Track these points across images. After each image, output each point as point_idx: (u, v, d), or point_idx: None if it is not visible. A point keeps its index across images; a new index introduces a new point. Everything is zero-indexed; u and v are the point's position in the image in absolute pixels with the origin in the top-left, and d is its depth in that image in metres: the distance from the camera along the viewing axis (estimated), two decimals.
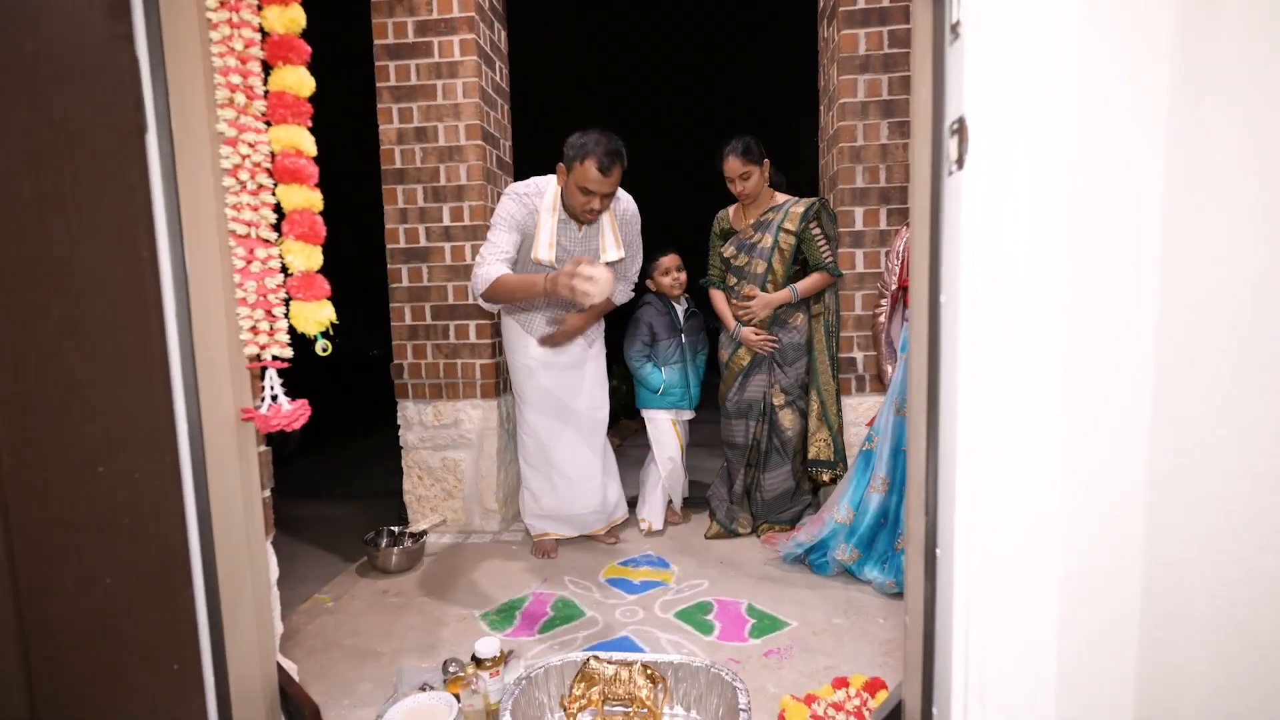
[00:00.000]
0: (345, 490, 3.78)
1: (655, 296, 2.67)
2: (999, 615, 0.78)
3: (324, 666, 1.71)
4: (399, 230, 2.65)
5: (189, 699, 0.92)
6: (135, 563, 0.83)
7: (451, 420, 2.69)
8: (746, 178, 2.41)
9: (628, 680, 1.44)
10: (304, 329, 1.12)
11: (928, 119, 0.81)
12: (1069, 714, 0.77)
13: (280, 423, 1.07)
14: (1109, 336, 0.73)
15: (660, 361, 2.65)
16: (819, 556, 2.16)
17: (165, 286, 0.87)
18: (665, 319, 2.65)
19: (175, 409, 0.89)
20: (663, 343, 2.64)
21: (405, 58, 2.55)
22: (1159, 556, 0.73)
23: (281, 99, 1.09)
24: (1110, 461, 0.74)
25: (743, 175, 2.41)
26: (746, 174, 2.41)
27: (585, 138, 1.96)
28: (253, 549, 1.06)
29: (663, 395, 2.64)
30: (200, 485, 0.93)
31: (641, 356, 2.64)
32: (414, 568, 2.37)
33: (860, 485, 2.12)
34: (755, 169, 2.41)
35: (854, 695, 1.37)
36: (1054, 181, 0.71)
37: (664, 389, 2.63)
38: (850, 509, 2.11)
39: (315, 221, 1.13)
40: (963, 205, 0.75)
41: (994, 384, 0.75)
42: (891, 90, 2.41)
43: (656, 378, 2.62)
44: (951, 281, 0.78)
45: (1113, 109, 0.71)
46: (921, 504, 0.86)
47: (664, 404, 2.66)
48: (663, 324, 2.65)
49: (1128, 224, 0.71)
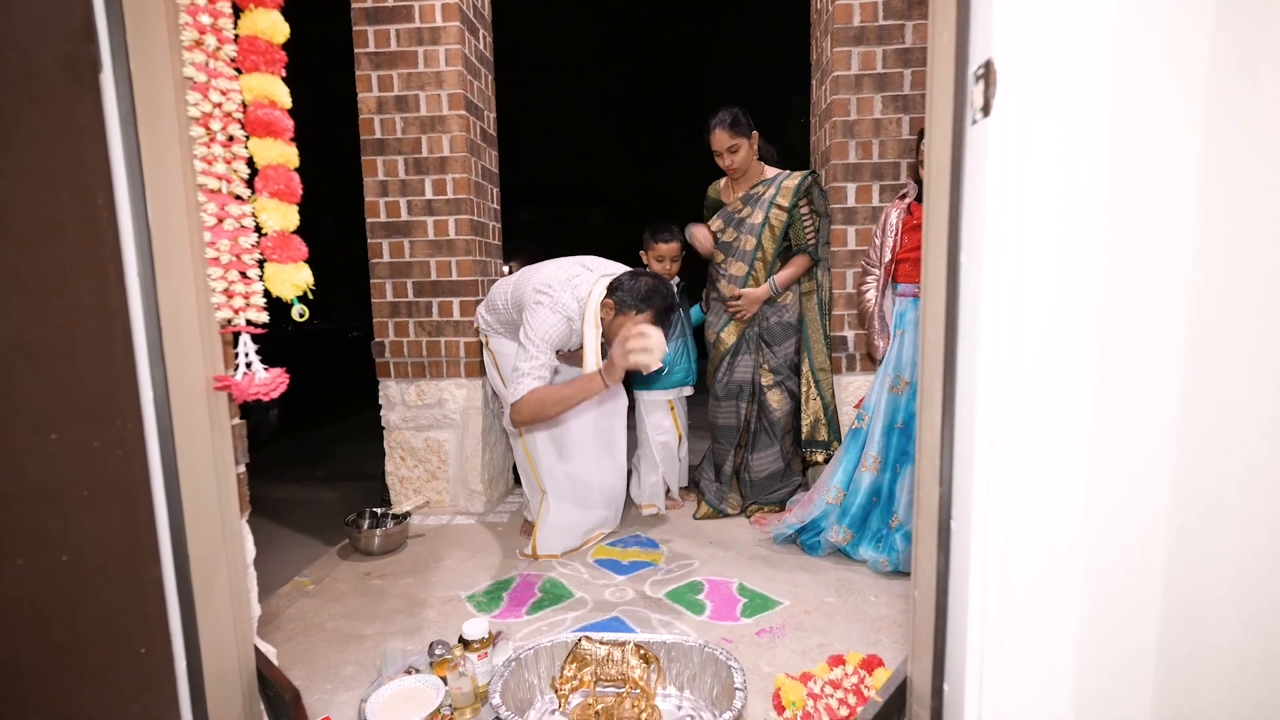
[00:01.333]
0: (326, 473, 3.70)
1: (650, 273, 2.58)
2: (1019, 589, 0.74)
3: (305, 650, 1.65)
4: (379, 204, 2.56)
5: (159, 683, 0.86)
6: (95, 538, 0.77)
7: (435, 400, 2.62)
8: (735, 151, 2.34)
9: (620, 661, 1.40)
10: (280, 292, 1.05)
11: (949, 65, 0.76)
12: (1089, 690, 0.75)
13: (257, 390, 1.01)
14: (1146, 296, 0.69)
15: None
16: (810, 537, 2.14)
17: (125, 239, 0.80)
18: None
19: (139, 373, 0.82)
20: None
21: (384, 22, 2.44)
22: (1187, 526, 0.70)
23: (253, 44, 1.01)
24: (1141, 427, 0.71)
25: (730, 148, 2.33)
26: (735, 147, 2.33)
27: (646, 292, 1.86)
28: (226, 526, 0.99)
29: (666, 375, 2.51)
30: (168, 456, 0.86)
31: None
32: (397, 550, 2.31)
33: (851, 464, 2.10)
34: (744, 141, 2.33)
35: (851, 673, 1.35)
36: (1089, 127, 0.67)
37: (668, 368, 2.50)
38: (840, 489, 2.09)
39: (291, 178, 1.06)
40: (988, 155, 0.71)
41: (1019, 346, 0.71)
42: (886, 63, 2.36)
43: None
44: (974, 238, 0.74)
45: (1152, 47, 0.67)
46: (935, 473, 0.82)
47: (666, 384, 2.54)
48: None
49: (1168, 172, 0.68)
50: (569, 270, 2.01)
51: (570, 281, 1.97)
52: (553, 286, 1.95)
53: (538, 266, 2.12)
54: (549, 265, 2.09)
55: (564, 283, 1.96)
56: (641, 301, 1.86)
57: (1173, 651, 0.72)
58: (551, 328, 1.90)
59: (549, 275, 2.00)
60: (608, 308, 1.89)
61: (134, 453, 0.82)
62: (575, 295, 1.94)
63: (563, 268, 2.04)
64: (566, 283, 1.96)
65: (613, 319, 1.89)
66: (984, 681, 0.77)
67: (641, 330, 1.72)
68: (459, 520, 2.60)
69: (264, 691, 1.09)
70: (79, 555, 0.75)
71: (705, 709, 1.35)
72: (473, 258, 2.56)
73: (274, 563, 2.28)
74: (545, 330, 1.90)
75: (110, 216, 0.78)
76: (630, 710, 1.32)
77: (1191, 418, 0.69)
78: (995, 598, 0.75)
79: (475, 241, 2.59)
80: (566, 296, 1.94)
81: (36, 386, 0.70)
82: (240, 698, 1.03)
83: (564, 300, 1.93)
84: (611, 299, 1.88)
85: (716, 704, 1.33)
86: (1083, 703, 0.75)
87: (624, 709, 1.32)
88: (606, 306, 1.90)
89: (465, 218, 2.53)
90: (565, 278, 1.98)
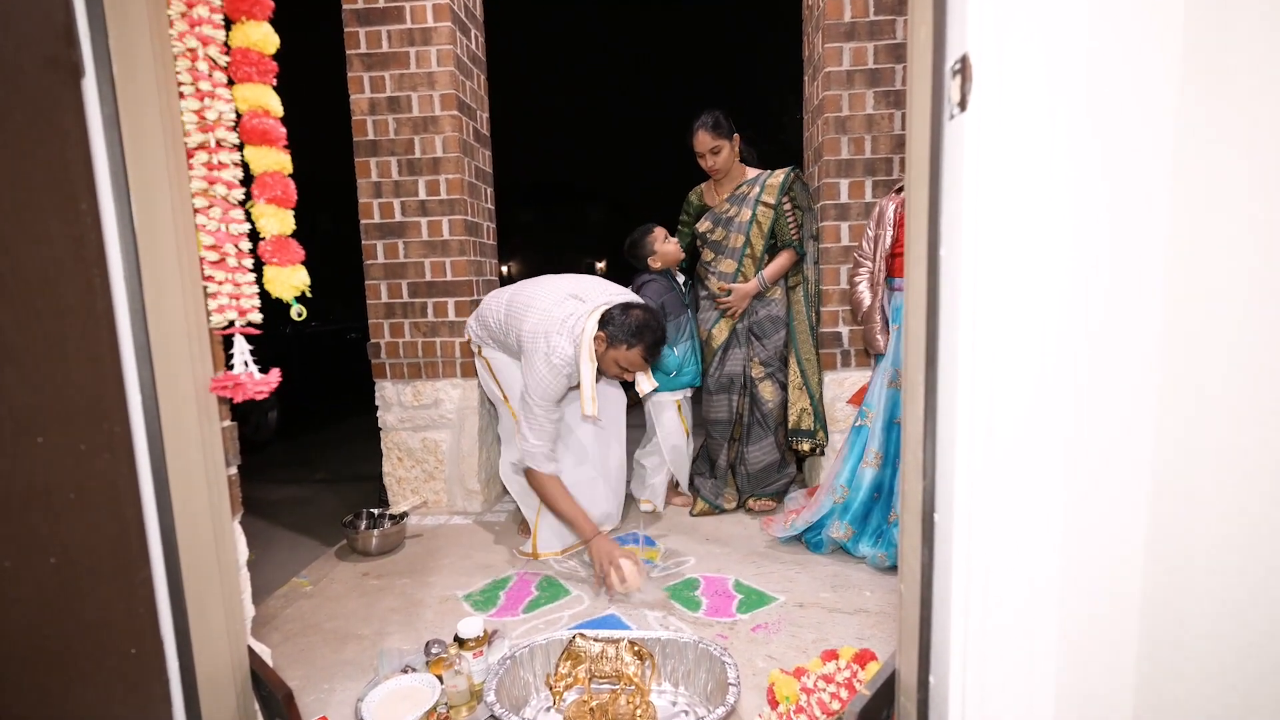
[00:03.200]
0: (323, 474, 3.71)
1: (656, 274, 2.51)
2: (1001, 580, 0.75)
3: (303, 650, 1.66)
4: (373, 205, 2.56)
5: (149, 685, 0.87)
6: (84, 540, 0.78)
7: (431, 400, 2.62)
8: (717, 152, 2.40)
9: (615, 657, 1.41)
10: (279, 294, 1.08)
11: (927, 61, 0.77)
12: (1071, 680, 0.75)
13: (256, 390, 1.03)
14: (1121, 285, 0.69)
15: (672, 341, 2.47)
16: (814, 535, 2.15)
17: (110, 242, 0.80)
18: (673, 295, 2.50)
19: (126, 376, 0.83)
20: (673, 321, 2.47)
21: (376, 23, 2.45)
22: (1167, 515, 0.71)
23: (246, 56, 1.03)
24: (1120, 417, 0.71)
25: (713, 150, 2.40)
26: (717, 148, 2.39)
27: (636, 326, 1.89)
28: (218, 527, 1.00)
29: (676, 376, 2.49)
30: (157, 458, 0.87)
31: None
32: (395, 550, 2.32)
33: (854, 461, 2.10)
34: (725, 143, 2.39)
35: (844, 667, 1.35)
36: (1065, 121, 0.68)
37: (678, 369, 2.48)
38: (845, 487, 2.09)
39: (286, 184, 1.09)
40: (965, 149, 0.71)
41: (998, 338, 0.72)
42: (878, 58, 2.36)
43: (671, 359, 2.46)
44: (952, 232, 0.74)
45: (1125, 41, 0.67)
46: (919, 467, 0.83)
47: (675, 385, 2.51)
48: (673, 300, 2.49)
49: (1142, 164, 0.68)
50: (563, 310, 1.98)
51: (565, 322, 1.96)
52: (550, 334, 1.94)
53: (530, 295, 2.07)
54: (541, 298, 2.04)
55: (559, 325, 1.95)
56: (632, 336, 1.88)
57: (1154, 642, 0.73)
58: (550, 384, 1.94)
59: (544, 317, 1.98)
60: (600, 340, 1.92)
61: (122, 455, 0.83)
62: (572, 337, 1.94)
63: (557, 304, 2.00)
64: (562, 325, 1.95)
65: (605, 351, 1.93)
66: (967, 673, 0.77)
67: (627, 571, 1.81)
68: (456, 520, 2.61)
69: (258, 691, 1.09)
70: (67, 557, 0.76)
71: (699, 704, 1.36)
72: (467, 258, 2.56)
73: (272, 564, 2.29)
74: (544, 389, 1.94)
75: (94, 220, 0.78)
76: (625, 707, 1.33)
77: (1169, 404, 0.70)
78: (978, 589, 0.76)
79: (469, 242, 2.59)
80: (564, 342, 1.93)
81: (22, 390, 0.71)
82: (234, 698, 1.03)
83: (561, 348, 1.93)
84: (603, 332, 1.91)
85: (710, 699, 1.33)
86: (1064, 693, 0.75)
87: (619, 706, 1.33)
88: (599, 340, 1.92)
89: (459, 218, 2.53)
90: (560, 319, 1.96)
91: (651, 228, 2.51)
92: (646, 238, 2.50)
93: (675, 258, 2.51)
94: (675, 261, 2.53)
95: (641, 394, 2.14)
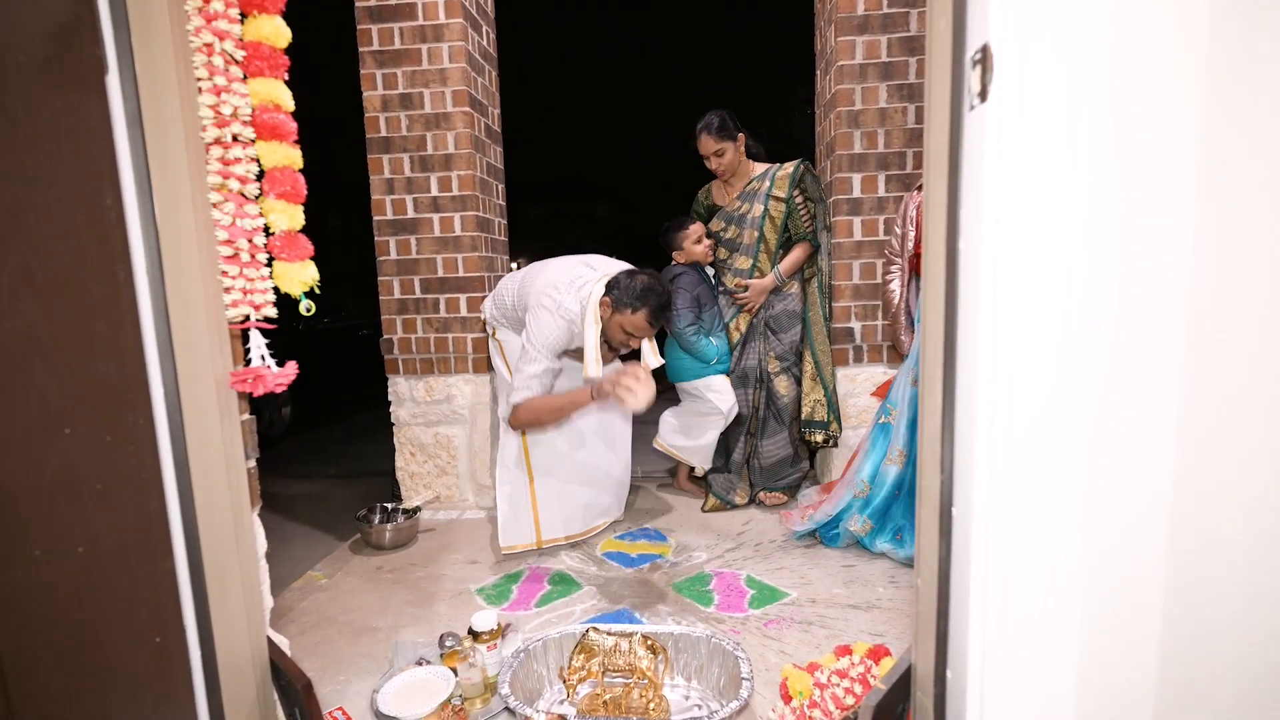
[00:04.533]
0: (337, 470, 3.74)
1: (687, 266, 2.53)
2: (1020, 573, 0.75)
3: (319, 643, 1.68)
4: (385, 201, 2.58)
5: (173, 672, 0.88)
6: (110, 531, 0.79)
7: (443, 395, 2.64)
8: (721, 154, 2.41)
9: (628, 651, 1.41)
10: (288, 289, 1.08)
11: (946, 51, 0.76)
12: (1092, 674, 0.75)
13: (274, 383, 1.04)
14: (1144, 277, 0.69)
15: (709, 331, 2.50)
16: (830, 529, 2.14)
17: (134, 238, 0.81)
18: (706, 287, 2.53)
19: (149, 369, 0.84)
20: (709, 311, 2.50)
21: (388, 20, 2.46)
22: (1190, 511, 0.70)
23: (258, 50, 1.03)
24: (1142, 410, 0.70)
25: (717, 152, 2.41)
26: (721, 150, 2.40)
27: (641, 290, 1.89)
28: (238, 519, 1.01)
29: (717, 363, 2.50)
30: (179, 451, 0.88)
31: (697, 330, 2.48)
32: (408, 544, 2.34)
33: (877, 458, 2.10)
34: (729, 145, 2.40)
35: (858, 662, 1.35)
36: (1087, 112, 0.67)
37: (718, 357, 2.50)
38: (866, 483, 2.09)
39: (296, 179, 1.09)
40: (985, 141, 0.70)
41: (1018, 330, 0.71)
42: (891, 51, 2.35)
43: (711, 349, 2.48)
44: (972, 223, 0.74)
45: (1149, 28, 0.66)
46: (936, 461, 0.82)
47: (719, 371, 2.53)
48: (706, 292, 2.52)
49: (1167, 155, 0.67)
50: (574, 271, 2.03)
51: (574, 283, 1.98)
52: (559, 288, 1.97)
53: (543, 265, 2.13)
54: (554, 265, 2.10)
55: (568, 284, 1.98)
56: (637, 299, 1.88)
57: (1177, 636, 0.72)
58: (552, 332, 1.93)
59: (554, 277, 2.02)
60: (605, 305, 1.93)
61: (146, 447, 0.84)
62: (579, 297, 1.96)
63: (568, 268, 2.05)
64: (570, 284, 1.98)
65: (610, 316, 1.93)
66: (985, 667, 0.77)
67: (638, 375, 1.76)
68: (468, 515, 2.62)
69: (277, 681, 1.11)
70: (94, 547, 0.77)
71: (712, 698, 1.36)
72: (479, 254, 2.57)
73: (287, 558, 2.31)
74: (546, 335, 1.93)
75: (118, 216, 0.79)
76: (638, 700, 1.33)
77: (1192, 397, 0.69)
78: (997, 583, 0.75)
79: (481, 238, 2.60)
80: (570, 299, 1.96)
81: (51, 382, 0.72)
82: (254, 687, 1.05)
83: (567, 303, 1.95)
84: (609, 297, 1.92)
85: (723, 694, 1.34)
86: (1085, 687, 0.75)
87: (631, 699, 1.33)
88: (604, 304, 1.93)
89: (471, 214, 2.54)
90: (569, 279, 1.99)
91: (687, 222, 2.52)
92: (679, 231, 2.51)
93: (700, 259, 2.52)
94: (700, 262, 2.54)
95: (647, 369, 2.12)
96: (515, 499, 2.17)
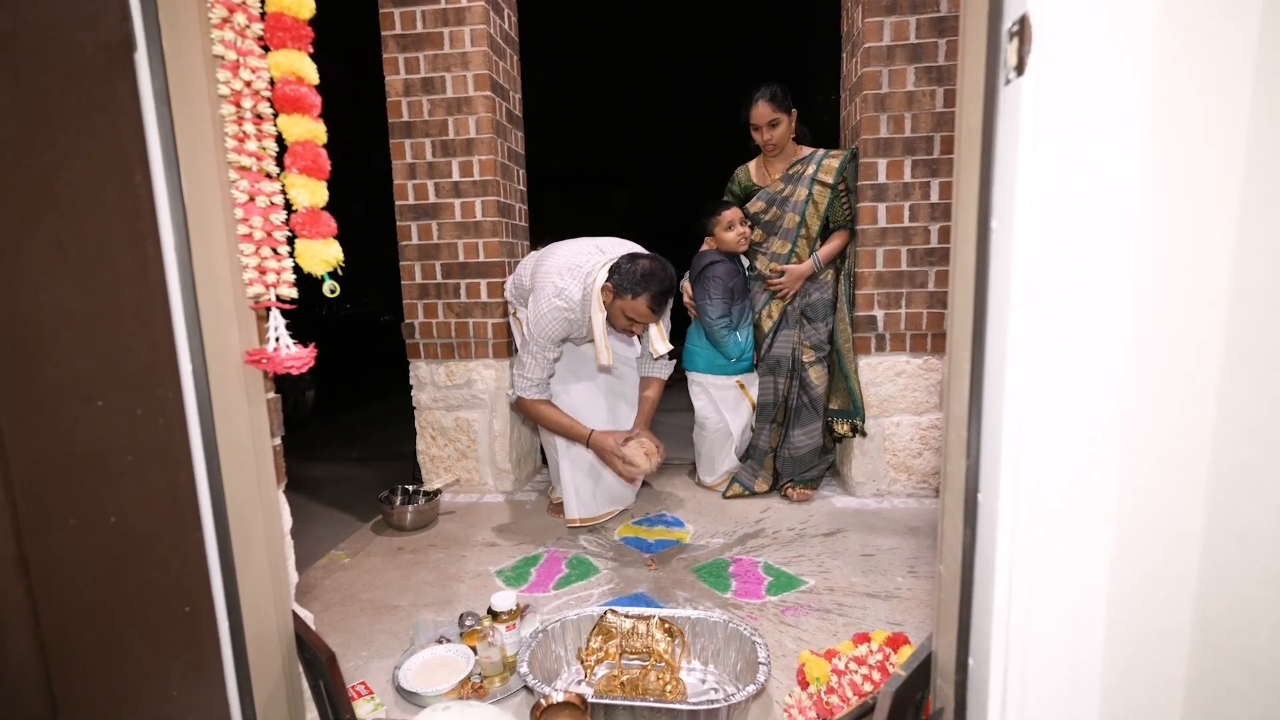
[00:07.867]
0: (359, 452, 3.80)
1: (724, 256, 2.45)
2: (1047, 562, 0.73)
3: (342, 619, 1.71)
4: (407, 186, 2.59)
5: (202, 642, 0.90)
6: (141, 501, 0.81)
7: (464, 380, 2.66)
8: (775, 125, 2.35)
9: (645, 634, 1.42)
10: (310, 268, 1.07)
11: (982, 23, 0.74)
12: (1118, 665, 0.73)
13: (289, 364, 1.04)
14: (1184, 262, 0.66)
15: (738, 325, 2.45)
16: None
17: (161, 213, 0.82)
18: (740, 279, 2.46)
19: (177, 344, 0.85)
20: (739, 304, 2.44)
21: (410, 4, 2.45)
22: (1224, 500, 0.68)
23: (279, 21, 1.02)
24: (1178, 399, 0.68)
25: (771, 122, 2.35)
26: (775, 121, 2.35)
27: (642, 275, 1.87)
28: (264, 494, 1.03)
29: (734, 363, 2.48)
30: (207, 425, 0.90)
31: (728, 324, 2.42)
32: (429, 526, 2.37)
33: None
34: (785, 117, 2.35)
35: (876, 650, 1.34)
36: (1128, 86, 0.64)
37: (740, 355, 2.47)
38: None
39: (319, 154, 1.07)
40: (1021, 115, 0.68)
41: (1050, 314, 0.69)
42: (920, 33, 2.29)
43: (735, 346, 2.44)
44: (1005, 202, 0.71)
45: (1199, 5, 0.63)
46: (962, 446, 0.81)
47: (735, 370, 2.50)
48: (740, 285, 2.45)
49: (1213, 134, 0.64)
50: (582, 255, 2.02)
51: (580, 268, 1.98)
52: (562, 273, 1.97)
53: (556, 247, 2.14)
54: (565, 247, 2.10)
55: (573, 269, 1.98)
56: (638, 285, 1.87)
57: (1208, 629, 0.70)
58: (549, 322, 1.95)
59: (561, 261, 2.02)
60: (608, 291, 1.93)
61: (174, 421, 0.86)
62: (584, 283, 1.96)
63: (577, 252, 2.04)
64: (576, 269, 1.97)
65: (613, 301, 1.93)
66: (1009, 656, 0.75)
67: (632, 456, 1.90)
68: (488, 498, 2.65)
69: (302, 654, 1.13)
70: (125, 517, 0.79)
71: (729, 682, 1.36)
72: (500, 239, 2.58)
73: (311, 537, 2.36)
74: (542, 327, 1.96)
75: (146, 190, 0.80)
76: (655, 682, 1.34)
77: (1231, 387, 0.67)
78: (1022, 571, 0.74)
79: (502, 223, 2.60)
80: (573, 285, 1.95)
81: (82, 355, 0.73)
82: (280, 658, 1.07)
83: (570, 289, 1.94)
84: (610, 282, 1.91)
85: (740, 678, 1.34)
86: (1111, 679, 0.73)
87: (648, 681, 1.34)
88: (606, 290, 1.93)
89: (492, 199, 2.54)
90: (576, 264, 1.99)
91: (722, 210, 2.43)
92: (714, 217, 2.44)
93: (732, 248, 2.44)
94: (731, 250, 2.45)
95: (655, 354, 2.12)
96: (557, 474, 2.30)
